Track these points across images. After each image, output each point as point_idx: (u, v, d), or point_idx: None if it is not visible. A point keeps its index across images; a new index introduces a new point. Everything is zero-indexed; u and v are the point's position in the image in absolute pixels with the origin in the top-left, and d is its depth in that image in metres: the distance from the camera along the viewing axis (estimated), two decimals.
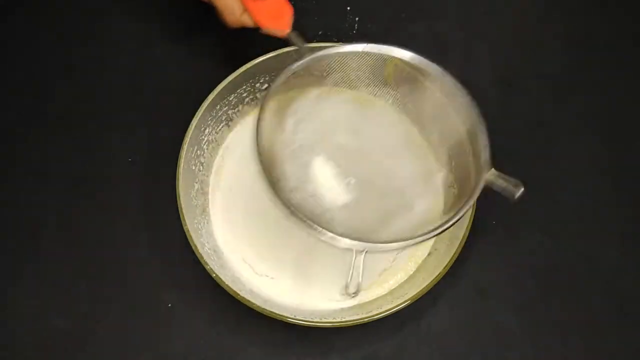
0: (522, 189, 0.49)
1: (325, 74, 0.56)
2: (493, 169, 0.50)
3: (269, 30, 0.56)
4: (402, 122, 0.58)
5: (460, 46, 0.69)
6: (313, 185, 0.55)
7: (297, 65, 0.54)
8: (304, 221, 0.49)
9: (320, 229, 0.48)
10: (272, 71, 0.61)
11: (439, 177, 0.58)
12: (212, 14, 0.57)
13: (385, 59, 0.55)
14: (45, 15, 0.70)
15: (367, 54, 0.55)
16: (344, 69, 0.56)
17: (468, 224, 0.55)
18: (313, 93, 0.57)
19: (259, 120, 0.52)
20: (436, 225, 0.50)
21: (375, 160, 0.57)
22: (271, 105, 0.53)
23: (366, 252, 0.50)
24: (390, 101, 0.58)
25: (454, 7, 0.71)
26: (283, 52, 0.59)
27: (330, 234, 0.48)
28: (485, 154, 0.51)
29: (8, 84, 0.67)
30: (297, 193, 0.53)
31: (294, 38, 0.56)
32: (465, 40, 0.69)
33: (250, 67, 0.60)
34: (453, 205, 0.53)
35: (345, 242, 0.48)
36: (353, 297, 0.58)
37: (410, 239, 0.49)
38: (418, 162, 0.58)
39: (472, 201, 0.51)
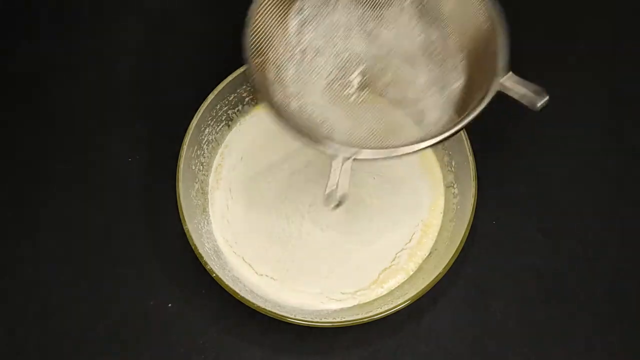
0: (547, 98, 0.44)
1: None
2: (511, 73, 0.46)
3: None
4: (419, 25, 0.53)
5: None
6: (316, 92, 0.51)
7: None
8: (297, 131, 0.44)
9: (317, 139, 0.44)
10: None
11: (455, 87, 0.51)
12: (212, 13, 0.57)
13: None
14: (45, 14, 0.70)
15: None
16: None
17: (468, 224, 0.55)
18: None
19: (251, 10, 0.47)
20: (439, 130, 0.46)
21: (388, 67, 0.53)
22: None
23: (354, 157, 0.45)
24: (408, 1, 0.52)
25: None
26: None
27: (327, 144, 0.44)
28: (502, 56, 0.46)
29: (7, 84, 0.67)
30: (295, 100, 0.49)
31: None
32: None
33: None
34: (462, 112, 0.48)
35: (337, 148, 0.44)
36: (335, 208, 0.46)
37: (407, 145, 0.45)
38: (433, 71, 0.52)
39: (484, 104, 0.45)
